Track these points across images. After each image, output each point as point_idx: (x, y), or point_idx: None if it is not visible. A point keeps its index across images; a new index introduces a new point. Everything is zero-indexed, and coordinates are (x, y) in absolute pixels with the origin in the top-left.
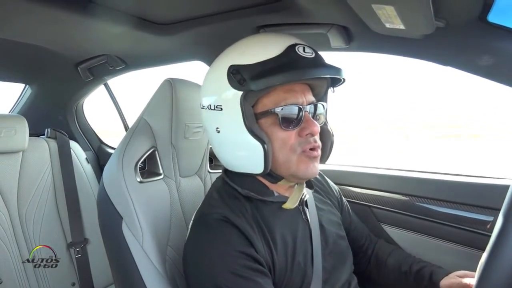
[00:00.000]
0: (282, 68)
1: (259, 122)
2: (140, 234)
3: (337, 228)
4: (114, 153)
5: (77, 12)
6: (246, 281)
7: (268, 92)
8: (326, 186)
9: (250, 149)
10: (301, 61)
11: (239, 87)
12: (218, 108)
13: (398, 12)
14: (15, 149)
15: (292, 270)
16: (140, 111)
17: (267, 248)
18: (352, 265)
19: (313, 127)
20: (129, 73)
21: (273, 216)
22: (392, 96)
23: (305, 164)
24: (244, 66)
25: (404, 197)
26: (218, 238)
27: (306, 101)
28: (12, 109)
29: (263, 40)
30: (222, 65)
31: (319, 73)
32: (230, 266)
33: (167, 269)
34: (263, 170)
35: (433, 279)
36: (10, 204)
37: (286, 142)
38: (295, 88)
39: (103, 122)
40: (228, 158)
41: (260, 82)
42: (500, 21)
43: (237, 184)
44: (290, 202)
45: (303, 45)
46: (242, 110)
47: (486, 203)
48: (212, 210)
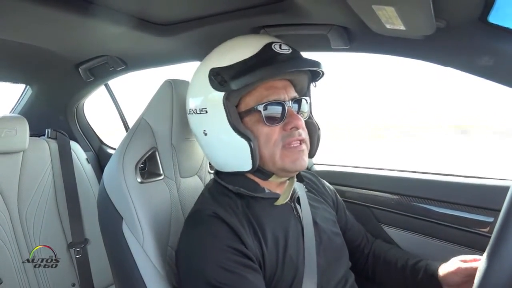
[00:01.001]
0: (260, 65)
1: (244, 120)
2: (140, 235)
3: (331, 225)
4: (115, 154)
5: (78, 13)
6: (235, 276)
7: (250, 91)
8: (320, 186)
9: (237, 148)
10: (278, 57)
11: (220, 88)
12: (203, 111)
13: (399, 12)
14: (16, 150)
15: (284, 265)
16: (141, 111)
17: (257, 243)
18: (348, 261)
19: (296, 121)
20: (130, 74)
21: (264, 212)
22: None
23: (290, 157)
24: (224, 68)
25: (404, 198)
26: (208, 233)
27: (288, 96)
28: (12, 109)
29: (241, 42)
30: (203, 70)
31: (296, 66)
32: (220, 261)
33: (167, 270)
34: (252, 167)
35: (428, 270)
36: (11, 204)
37: (270, 138)
38: (276, 85)
39: (103, 122)
40: (217, 159)
41: (240, 81)
42: (501, 21)
43: (227, 183)
44: (281, 198)
45: (279, 43)
46: (226, 110)
47: (486, 204)
48: (203, 207)
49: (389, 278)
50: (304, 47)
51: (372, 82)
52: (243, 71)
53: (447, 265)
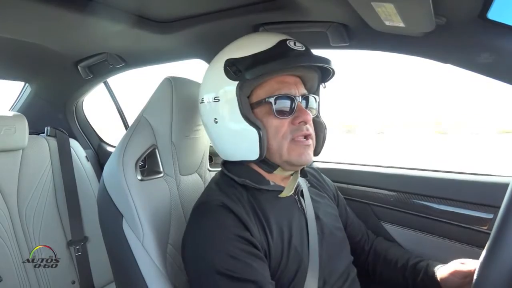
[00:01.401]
0: (274, 58)
1: (254, 111)
2: (140, 232)
3: (334, 220)
4: (115, 151)
5: (77, 10)
6: (241, 263)
7: (262, 84)
8: (322, 181)
9: (246, 136)
10: (292, 52)
11: (234, 77)
12: (216, 99)
13: (398, 9)
14: (15, 148)
15: (288, 256)
16: (140, 109)
17: (262, 233)
18: (350, 256)
19: (305, 115)
20: (129, 71)
21: (268, 204)
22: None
23: (297, 151)
24: (239, 59)
25: (403, 195)
26: (216, 222)
27: (299, 92)
28: (12, 107)
29: (258, 37)
30: (219, 61)
31: (308, 61)
32: (228, 249)
33: (167, 267)
34: (259, 155)
35: (429, 271)
36: (10, 202)
37: (279, 130)
38: (287, 80)
39: (103, 120)
40: (225, 147)
41: (254, 71)
42: (500, 18)
43: (234, 174)
44: (286, 190)
45: (294, 40)
46: (238, 100)
47: (486, 200)
48: (210, 198)
49: (389, 277)
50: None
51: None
52: (258, 62)
53: (445, 267)
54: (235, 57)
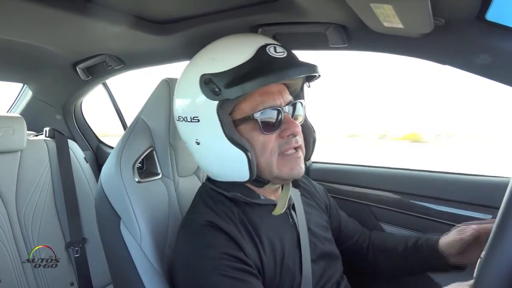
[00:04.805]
0: (256, 73)
1: (238, 128)
2: (138, 234)
3: (324, 231)
4: (112, 153)
5: (75, 11)
6: (236, 282)
7: (245, 97)
8: (312, 188)
9: (233, 159)
10: (275, 62)
11: (214, 97)
12: (194, 119)
13: (397, 11)
14: (14, 149)
15: (281, 274)
16: (138, 110)
17: (255, 250)
18: (341, 266)
19: (294, 128)
20: (128, 72)
21: (259, 219)
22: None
23: (287, 166)
24: (216, 74)
25: (402, 196)
26: (203, 242)
27: (284, 101)
28: (10, 108)
29: (232, 44)
30: (193, 75)
31: (295, 74)
32: (218, 268)
33: (165, 269)
34: (249, 177)
35: (430, 244)
36: (9, 204)
37: (266, 146)
38: (271, 90)
39: (101, 122)
40: (211, 169)
41: (235, 90)
42: (499, 19)
43: (223, 189)
44: (278, 207)
45: (273, 45)
46: (220, 120)
47: (485, 201)
48: (196, 216)
49: (393, 265)
50: (301, 45)
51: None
52: (239, 79)
53: (446, 236)
54: (211, 72)
